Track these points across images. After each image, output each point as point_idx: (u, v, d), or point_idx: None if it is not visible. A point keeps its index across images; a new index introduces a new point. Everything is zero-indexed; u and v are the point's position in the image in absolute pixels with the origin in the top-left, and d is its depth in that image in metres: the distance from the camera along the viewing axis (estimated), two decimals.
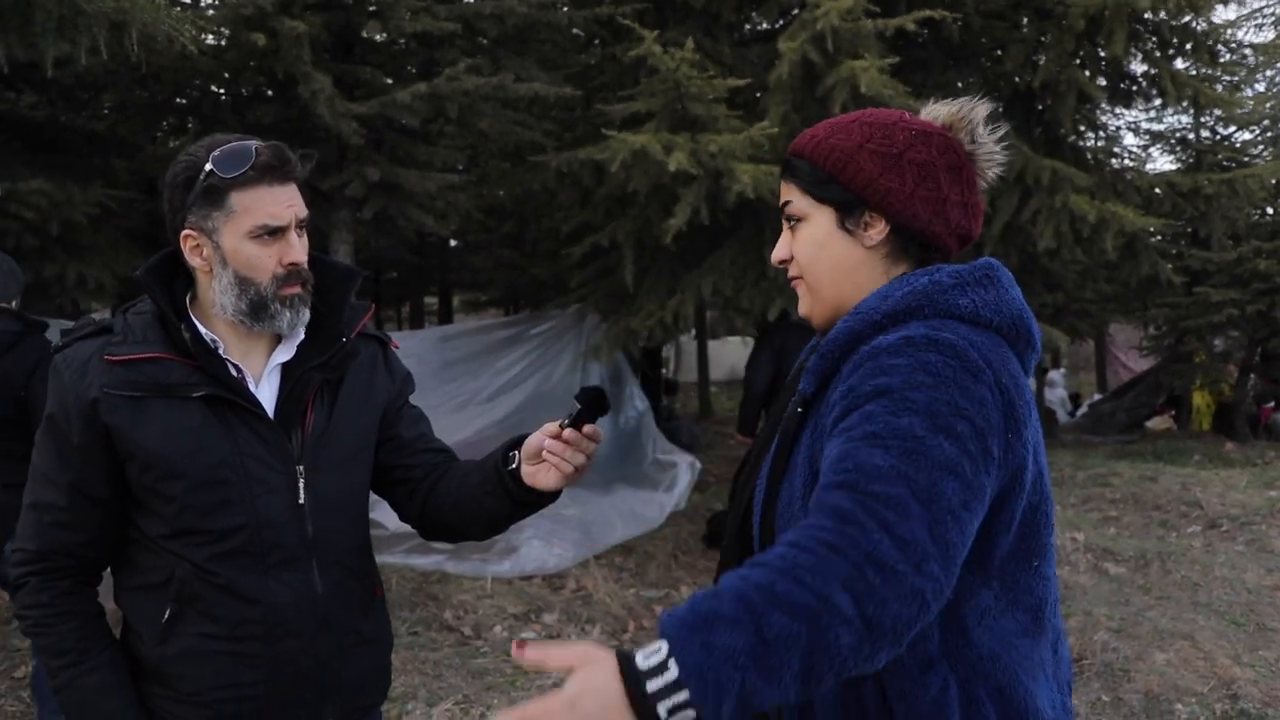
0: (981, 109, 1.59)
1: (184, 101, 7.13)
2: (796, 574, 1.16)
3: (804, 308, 1.65)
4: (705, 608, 1.14)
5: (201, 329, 1.81)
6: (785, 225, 1.65)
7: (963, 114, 1.59)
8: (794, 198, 1.61)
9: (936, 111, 1.61)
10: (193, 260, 1.79)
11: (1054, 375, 17.32)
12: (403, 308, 16.79)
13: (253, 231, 1.75)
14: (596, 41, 8.05)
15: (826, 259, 1.58)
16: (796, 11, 6.42)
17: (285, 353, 1.87)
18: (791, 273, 1.65)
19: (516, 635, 5.73)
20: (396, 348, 2.07)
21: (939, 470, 1.28)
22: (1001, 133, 1.62)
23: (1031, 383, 1.70)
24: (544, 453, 1.80)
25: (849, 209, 1.56)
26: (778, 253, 1.65)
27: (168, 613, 1.77)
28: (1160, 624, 5.52)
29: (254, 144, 1.76)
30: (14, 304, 4.03)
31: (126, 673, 1.82)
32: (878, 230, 1.55)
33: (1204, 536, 7.48)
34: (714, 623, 1.12)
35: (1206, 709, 4.55)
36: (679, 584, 6.41)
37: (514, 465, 1.85)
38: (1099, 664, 4.92)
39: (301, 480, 1.82)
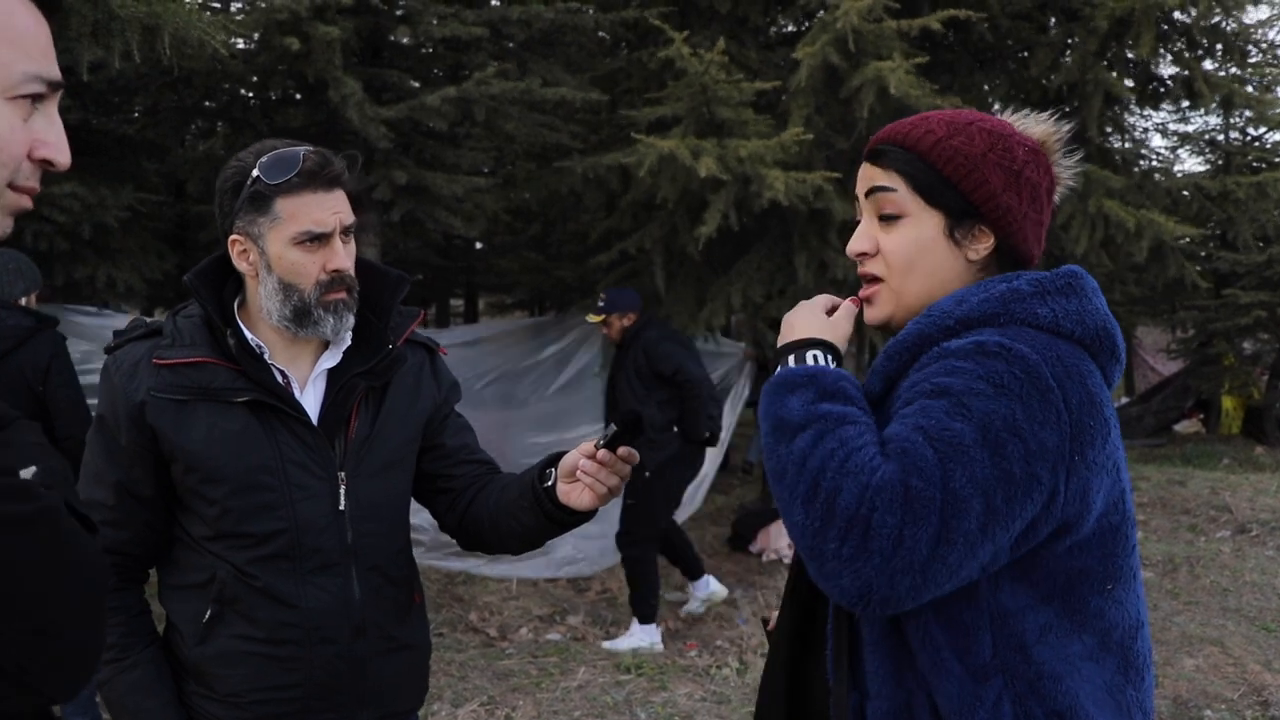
0: (1065, 129, 1.54)
1: (213, 105, 7.17)
2: (825, 468, 1.29)
3: (881, 312, 1.53)
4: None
5: (248, 335, 1.83)
6: (870, 216, 1.53)
7: (1056, 136, 1.53)
8: (899, 191, 1.48)
9: (1025, 126, 1.53)
10: (240, 265, 1.82)
11: None
12: (428, 310, 16.94)
13: (297, 238, 1.76)
14: (623, 45, 8.04)
15: (927, 264, 1.49)
16: (821, 14, 6.36)
17: (331, 359, 1.88)
18: (872, 270, 1.53)
19: (542, 637, 5.75)
20: (445, 354, 2.07)
21: (972, 487, 1.26)
22: (1079, 155, 1.57)
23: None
24: (578, 473, 1.79)
25: (961, 218, 1.47)
26: (859, 244, 1.53)
27: (208, 613, 1.80)
28: (1189, 629, 5.49)
29: (301, 150, 1.77)
30: (26, 300, 4.00)
31: (167, 671, 1.84)
32: (985, 245, 1.48)
33: (1233, 541, 7.43)
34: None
35: (1236, 715, 4.52)
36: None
37: (550, 483, 1.85)
38: None
39: (343, 487, 1.83)
